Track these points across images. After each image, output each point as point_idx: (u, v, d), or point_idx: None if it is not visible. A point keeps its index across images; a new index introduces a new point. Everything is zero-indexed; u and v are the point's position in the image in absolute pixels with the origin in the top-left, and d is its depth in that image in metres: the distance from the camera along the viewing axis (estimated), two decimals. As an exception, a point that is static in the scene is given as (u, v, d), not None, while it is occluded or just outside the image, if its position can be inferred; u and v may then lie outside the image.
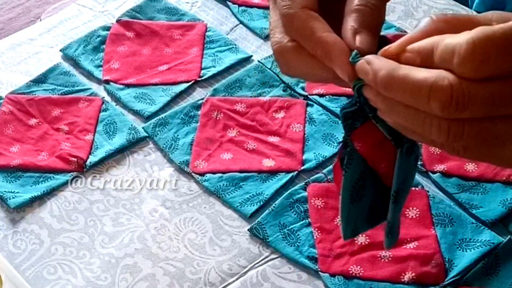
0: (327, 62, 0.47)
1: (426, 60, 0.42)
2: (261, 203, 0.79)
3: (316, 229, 0.75)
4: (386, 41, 0.48)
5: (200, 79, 0.94)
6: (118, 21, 1.03)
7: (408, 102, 0.42)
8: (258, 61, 0.95)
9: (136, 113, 0.91)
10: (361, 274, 0.71)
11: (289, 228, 0.76)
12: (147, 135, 0.87)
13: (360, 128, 0.49)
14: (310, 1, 0.50)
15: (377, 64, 0.43)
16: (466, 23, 0.43)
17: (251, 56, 0.97)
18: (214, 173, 0.82)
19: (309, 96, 0.90)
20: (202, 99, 0.91)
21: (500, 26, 0.39)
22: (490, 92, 0.40)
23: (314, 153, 0.83)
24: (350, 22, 0.48)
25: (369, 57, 0.44)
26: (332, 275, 0.72)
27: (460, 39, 0.40)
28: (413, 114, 0.42)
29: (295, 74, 0.52)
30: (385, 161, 0.50)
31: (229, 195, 0.80)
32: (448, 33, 0.42)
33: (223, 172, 0.82)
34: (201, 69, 0.95)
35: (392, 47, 0.44)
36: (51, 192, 0.81)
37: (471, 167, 0.80)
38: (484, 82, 0.39)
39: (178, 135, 0.87)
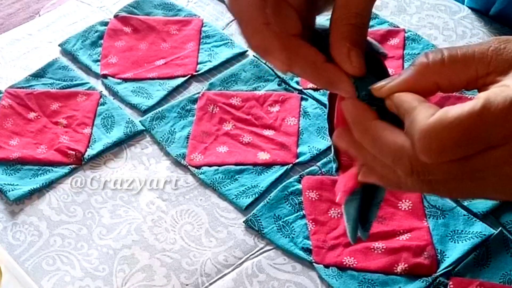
0: (329, 88, 0.48)
1: (401, 116, 0.43)
2: (256, 195, 0.79)
3: (311, 221, 0.76)
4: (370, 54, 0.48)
5: (196, 73, 0.95)
6: (115, 16, 1.03)
7: (376, 155, 0.44)
8: (254, 55, 0.96)
9: (133, 107, 0.91)
10: (354, 265, 0.72)
11: (284, 220, 0.77)
12: (144, 128, 0.88)
13: None
14: (296, 27, 0.47)
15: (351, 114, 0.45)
16: (462, 65, 0.42)
17: (247, 51, 0.97)
18: (210, 166, 0.83)
19: (303, 90, 0.91)
20: (198, 93, 0.91)
21: (457, 115, 0.39)
22: (448, 170, 0.41)
23: (309, 146, 0.84)
24: (342, 41, 0.46)
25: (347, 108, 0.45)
26: (326, 266, 0.72)
27: (420, 125, 0.40)
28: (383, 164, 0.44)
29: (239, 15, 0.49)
30: None
31: (224, 187, 0.81)
32: (445, 76, 0.42)
33: (219, 165, 0.83)
34: (197, 63, 0.96)
35: (383, 90, 0.44)
36: (49, 185, 0.82)
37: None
38: (442, 163, 0.40)
39: (174, 129, 0.87)
